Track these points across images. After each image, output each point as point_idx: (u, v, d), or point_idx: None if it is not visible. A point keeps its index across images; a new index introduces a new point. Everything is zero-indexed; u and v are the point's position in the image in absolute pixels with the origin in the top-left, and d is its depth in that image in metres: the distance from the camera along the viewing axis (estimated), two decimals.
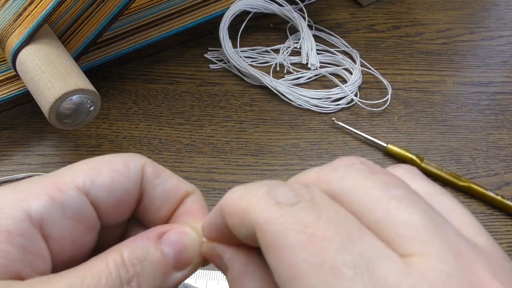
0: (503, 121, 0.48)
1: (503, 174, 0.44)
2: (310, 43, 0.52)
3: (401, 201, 0.17)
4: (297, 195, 0.18)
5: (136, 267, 0.20)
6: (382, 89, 0.50)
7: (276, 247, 0.17)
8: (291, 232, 0.17)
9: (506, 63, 0.54)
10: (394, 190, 0.17)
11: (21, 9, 0.40)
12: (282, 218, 0.17)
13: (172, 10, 0.50)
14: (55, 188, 0.20)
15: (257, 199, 0.18)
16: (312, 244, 0.16)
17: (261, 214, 0.18)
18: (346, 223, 0.17)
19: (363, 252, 0.16)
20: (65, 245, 0.21)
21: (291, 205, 0.17)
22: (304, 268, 0.16)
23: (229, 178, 0.43)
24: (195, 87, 0.50)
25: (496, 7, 0.60)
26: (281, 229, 0.17)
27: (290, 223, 0.17)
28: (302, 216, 0.17)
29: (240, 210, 0.19)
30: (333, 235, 0.16)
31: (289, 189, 0.18)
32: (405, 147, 0.46)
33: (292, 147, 0.46)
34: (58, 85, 0.37)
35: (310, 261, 0.16)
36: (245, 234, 0.19)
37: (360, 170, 0.19)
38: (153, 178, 0.23)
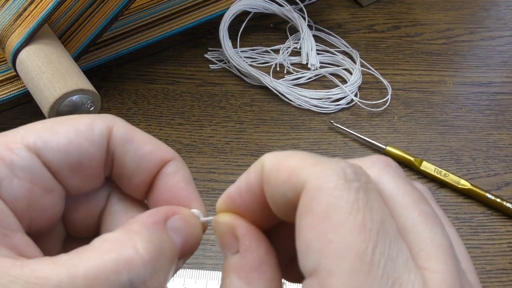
0: (503, 121, 0.48)
1: (503, 175, 0.44)
2: (310, 43, 0.52)
3: (429, 218, 0.18)
4: (355, 173, 0.17)
5: (156, 264, 0.18)
6: (382, 89, 0.50)
7: (319, 216, 0.17)
8: (342, 210, 0.16)
9: (506, 63, 0.54)
10: (425, 205, 0.18)
11: (21, 9, 0.40)
12: (339, 191, 0.17)
13: (172, 10, 0.50)
14: (4, 147, 0.19)
15: (313, 163, 0.18)
16: (357, 231, 0.16)
17: (316, 178, 0.17)
18: (389, 222, 0.17)
19: (396, 257, 0.16)
20: (20, 206, 0.19)
21: (349, 181, 0.17)
22: (341, 249, 0.16)
23: (229, 178, 0.43)
24: (195, 87, 0.50)
25: (496, 7, 0.60)
26: (334, 202, 0.16)
27: (345, 201, 0.16)
28: (358, 198, 0.17)
29: (290, 167, 0.18)
30: (377, 230, 0.16)
31: (349, 166, 0.17)
32: (405, 147, 0.46)
33: (292, 147, 0.46)
34: (58, 85, 0.37)
35: (349, 246, 0.16)
36: (283, 194, 0.18)
37: (396, 173, 0.19)
38: (124, 143, 0.21)
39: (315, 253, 0.16)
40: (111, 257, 0.17)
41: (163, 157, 0.22)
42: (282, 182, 0.18)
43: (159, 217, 0.20)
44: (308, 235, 0.17)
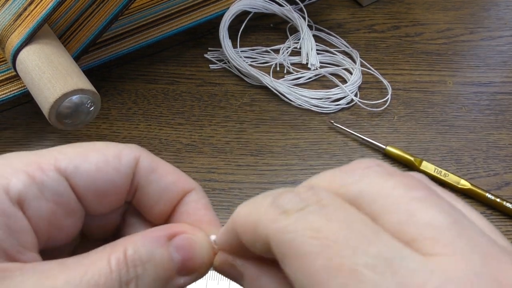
0: (503, 121, 0.48)
1: (503, 174, 0.44)
2: (310, 43, 0.52)
3: (424, 202, 0.17)
4: (303, 199, 0.17)
5: (137, 269, 0.19)
6: (382, 89, 0.50)
7: (292, 257, 0.16)
8: (304, 239, 0.16)
9: (506, 63, 0.54)
10: (415, 191, 0.17)
11: (21, 9, 0.40)
12: (292, 225, 0.17)
13: (172, 10, 0.50)
14: (36, 167, 0.20)
15: (264, 210, 0.18)
16: (327, 248, 0.16)
17: (271, 226, 0.17)
18: (359, 223, 0.16)
19: (382, 253, 0.15)
20: (42, 225, 0.20)
21: (299, 210, 0.17)
22: (323, 274, 0.16)
23: (229, 178, 0.43)
24: (195, 87, 0.50)
25: (496, 7, 0.60)
26: (294, 237, 0.16)
27: (301, 230, 0.16)
28: (312, 220, 0.16)
29: (250, 225, 0.18)
30: (347, 237, 0.16)
31: (294, 195, 0.17)
32: (405, 147, 0.46)
33: (292, 147, 0.46)
34: (58, 85, 0.37)
35: (328, 266, 0.16)
36: (261, 248, 0.18)
37: (378, 172, 0.18)
38: (148, 174, 0.22)
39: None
40: (108, 259, 0.19)
41: (185, 188, 0.23)
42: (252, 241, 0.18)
43: (162, 232, 0.20)
44: (294, 278, 0.17)
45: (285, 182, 0.43)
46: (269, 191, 0.19)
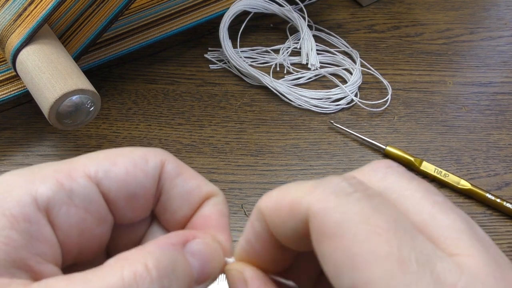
0: (503, 121, 0.48)
1: (503, 175, 0.44)
2: (310, 43, 0.52)
3: (443, 207, 0.18)
4: (351, 185, 0.18)
5: (164, 281, 0.18)
6: (382, 89, 0.50)
7: (334, 236, 0.17)
8: (354, 222, 0.17)
9: (506, 63, 0.54)
10: (435, 196, 0.18)
11: (21, 9, 0.40)
12: (342, 207, 0.17)
13: (172, 10, 0.50)
14: (65, 174, 0.19)
15: (307, 190, 0.18)
16: (376, 236, 0.16)
17: (317, 203, 0.17)
18: (403, 219, 0.17)
19: (423, 250, 0.16)
20: (72, 235, 0.19)
21: (348, 194, 0.17)
22: (368, 258, 0.16)
23: (229, 178, 0.43)
24: (195, 87, 0.50)
25: (496, 7, 0.60)
26: (342, 218, 0.17)
27: (352, 213, 0.17)
28: (363, 206, 0.17)
29: (288, 202, 0.18)
30: (395, 229, 0.16)
31: (342, 179, 0.18)
32: (405, 147, 0.46)
33: (292, 147, 0.46)
34: (58, 86, 0.37)
35: (375, 252, 0.16)
36: (292, 228, 0.18)
37: (400, 173, 0.19)
38: (173, 177, 0.22)
39: (346, 271, 0.16)
40: (121, 273, 0.17)
41: (208, 192, 0.23)
42: (286, 220, 0.19)
43: (176, 239, 0.20)
44: (332, 258, 0.17)
45: (285, 182, 0.43)
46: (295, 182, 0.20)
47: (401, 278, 0.16)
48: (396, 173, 0.19)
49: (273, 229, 0.20)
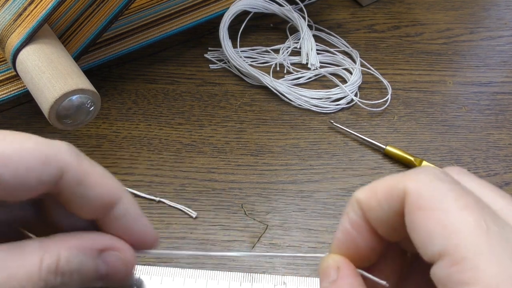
0: (503, 121, 0.48)
1: (503, 174, 0.44)
2: (310, 43, 0.52)
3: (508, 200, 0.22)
4: (442, 172, 0.21)
5: (65, 277, 0.20)
6: (382, 89, 0.50)
7: (429, 208, 0.20)
8: (447, 198, 0.20)
9: (506, 63, 0.54)
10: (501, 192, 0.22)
11: (21, 9, 0.40)
12: (437, 186, 0.20)
13: (172, 10, 0.50)
14: None
15: (404, 176, 0.21)
16: (468, 209, 0.20)
17: (415, 183, 0.21)
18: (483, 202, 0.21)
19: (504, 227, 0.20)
20: None
21: (441, 179, 0.21)
22: (460, 227, 0.19)
23: (229, 178, 0.43)
24: (195, 87, 0.50)
25: (496, 7, 0.60)
26: (437, 194, 0.20)
27: (446, 190, 0.20)
28: (453, 188, 0.20)
29: (385, 186, 0.22)
30: (482, 208, 0.20)
31: (435, 169, 0.21)
32: (405, 147, 0.46)
33: (292, 147, 0.46)
34: (58, 85, 0.37)
35: (466, 223, 0.19)
36: (388, 209, 0.22)
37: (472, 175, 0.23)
38: (73, 186, 0.22)
39: (437, 238, 0.20)
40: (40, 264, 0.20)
41: (111, 201, 0.23)
42: (383, 200, 0.22)
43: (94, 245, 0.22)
44: (424, 227, 0.20)
45: (285, 182, 0.43)
46: None
47: (486, 245, 0.19)
48: (468, 176, 0.23)
49: (370, 213, 0.23)
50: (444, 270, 0.20)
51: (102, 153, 0.45)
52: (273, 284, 0.37)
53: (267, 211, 0.41)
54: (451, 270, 0.19)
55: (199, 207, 0.41)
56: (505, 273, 0.19)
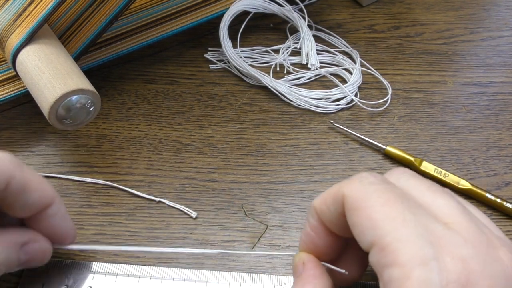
0: (503, 121, 0.48)
1: (503, 174, 0.44)
2: (310, 43, 0.52)
3: (442, 194, 0.26)
4: (373, 176, 0.26)
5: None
6: (382, 89, 0.50)
7: (360, 208, 0.24)
8: (372, 197, 0.24)
9: (506, 63, 0.54)
10: (435, 187, 0.26)
11: (21, 9, 0.40)
12: (364, 188, 0.25)
13: (172, 10, 0.50)
14: None
15: (344, 182, 0.26)
16: (388, 204, 0.24)
17: (349, 188, 0.25)
18: (408, 197, 0.25)
19: (422, 216, 0.24)
20: None
21: (370, 182, 0.25)
22: (382, 219, 0.24)
23: (229, 178, 0.43)
24: (195, 87, 0.50)
25: (496, 7, 0.60)
26: (364, 195, 0.25)
27: (371, 191, 0.25)
28: (380, 188, 0.25)
29: (331, 194, 0.27)
30: (402, 201, 0.24)
31: (368, 173, 0.26)
32: (405, 147, 0.46)
33: (292, 147, 0.46)
34: (58, 86, 0.37)
35: (386, 215, 0.23)
36: (335, 211, 0.26)
37: (410, 174, 0.27)
38: (18, 193, 0.27)
39: (368, 231, 0.24)
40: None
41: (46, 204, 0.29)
42: (330, 206, 0.27)
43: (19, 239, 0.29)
44: (358, 223, 0.24)
45: (285, 182, 0.43)
46: None
47: (404, 231, 0.23)
48: (407, 175, 0.27)
49: (323, 216, 0.28)
50: (374, 256, 0.24)
51: (102, 153, 0.45)
52: (273, 284, 0.37)
53: (267, 211, 0.41)
54: (379, 256, 0.23)
55: (199, 207, 0.41)
56: (418, 253, 0.22)
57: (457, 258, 0.22)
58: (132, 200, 0.42)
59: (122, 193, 0.42)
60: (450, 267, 0.22)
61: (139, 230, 0.40)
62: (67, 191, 0.42)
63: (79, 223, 0.40)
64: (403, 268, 0.22)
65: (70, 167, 0.44)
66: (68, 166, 0.44)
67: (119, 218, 0.41)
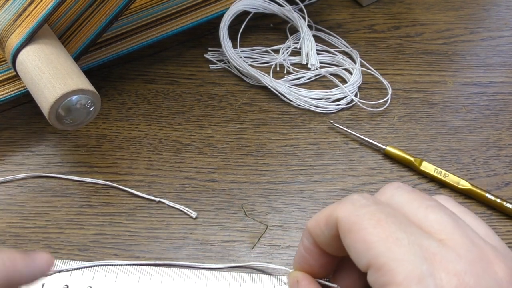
0: (503, 121, 0.48)
1: (503, 175, 0.45)
2: (310, 43, 0.52)
3: (434, 209, 0.26)
4: (365, 198, 0.26)
5: None
6: (382, 89, 0.50)
7: (353, 231, 0.25)
8: (364, 219, 0.25)
9: (506, 63, 0.54)
10: (428, 201, 0.26)
11: (21, 9, 0.40)
12: (357, 211, 0.25)
13: (172, 10, 0.50)
14: None
15: (336, 205, 0.26)
16: (379, 225, 0.24)
17: (342, 212, 0.26)
18: (401, 216, 0.25)
19: (414, 233, 0.24)
20: None
21: (362, 204, 0.25)
22: (374, 241, 0.24)
23: (229, 178, 0.43)
24: (195, 87, 0.50)
25: (496, 7, 0.60)
26: (357, 218, 0.25)
27: (363, 213, 0.25)
28: (371, 210, 0.25)
29: (324, 217, 0.27)
30: (393, 221, 0.24)
31: (359, 196, 0.26)
32: (405, 147, 0.46)
33: (292, 147, 0.46)
34: (58, 86, 0.37)
35: (379, 236, 0.24)
36: (329, 234, 0.27)
37: (404, 190, 0.27)
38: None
39: (363, 253, 0.24)
40: None
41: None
42: (324, 229, 0.27)
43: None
44: (353, 247, 0.25)
45: (285, 182, 0.43)
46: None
47: (397, 250, 0.23)
48: (401, 190, 0.27)
49: (317, 239, 0.28)
50: (372, 276, 0.24)
51: (102, 153, 0.45)
52: (273, 284, 0.37)
53: (267, 211, 0.41)
54: (376, 276, 0.24)
55: (199, 207, 0.41)
56: (413, 271, 0.23)
57: (452, 273, 0.23)
58: (132, 200, 0.42)
59: (122, 193, 0.42)
60: (445, 282, 0.23)
61: (139, 230, 0.40)
62: (67, 191, 0.42)
63: (79, 223, 0.40)
64: (400, 286, 0.23)
65: (70, 167, 0.44)
66: (68, 166, 0.44)
67: (119, 218, 0.41)
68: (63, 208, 0.41)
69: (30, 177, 0.43)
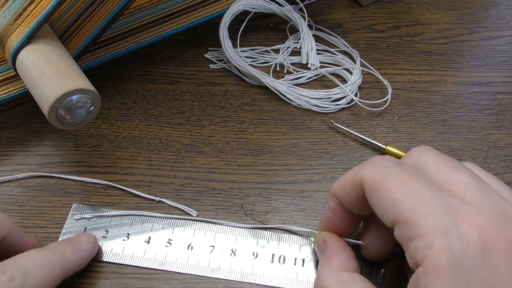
0: (503, 121, 0.48)
1: (503, 174, 0.44)
2: (310, 43, 0.52)
3: (459, 170, 0.28)
4: (388, 159, 0.29)
5: None
6: (382, 89, 0.50)
7: (379, 189, 0.27)
8: (389, 179, 0.27)
9: (506, 63, 0.54)
10: (454, 163, 0.29)
11: (21, 9, 0.40)
12: (381, 171, 0.28)
13: (172, 10, 0.50)
14: None
15: (361, 167, 0.29)
16: (403, 183, 0.26)
17: (367, 172, 0.28)
18: (423, 176, 0.27)
19: (436, 190, 0.26)
20: None
21: (385, 165, 0.28)
22: (399, 198, 0.26)
23: (229, 178, 0.43)
24: (195, 87, 0.50)
25: (496, 7, 0.60)
26: (381, 177, 0.27)
27: (387, 173, 0.27)
28: (395, 170, 0.27)
29: (349, 178, 0.29)
30: (416, 179, 0.26)
31: (382, 157, 0.29)
32: (405, 147, 0.46)
33: (292, 147, 0.46)
34: (58, 85, 0.37)
35: (404, 193, 0.26)
36: (355, 194, 0.29)
37: (432, 151, 0.30)
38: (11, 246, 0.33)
39: (388, 210, 0.26)
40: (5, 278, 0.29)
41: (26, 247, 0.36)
42: (350, 190, 0.30)
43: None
44: (379, 203, 0.27)
45: (285, 182, 0.43)
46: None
47: (422, 205, 0.25)
48: (429, 152, 0.29)
49: (343, 200, 0.31)
50: (398, 231, 0.26)
51: (102, 153, 0.45)
52: (299, 244, 0.38)
53: (267, 211, 0.41)
54: (402, 230, 0.26)
55: (199, 207, 0.41)
56: (438, 224, 0.24)
57: (474, 224, 0.24)
58: (132, 200, 0.42)
59: (122, 193, 0.42)
60: (469, 232, 0.24)
61: None
62: (67, 191, 0.42)
63: None
64: (425, 238, 0.24)
65: (70, 167, 0.44)
66: (68, 166, 0.44)
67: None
68: (63, 208, 0.41)
69: (30, 176, 0.43)
